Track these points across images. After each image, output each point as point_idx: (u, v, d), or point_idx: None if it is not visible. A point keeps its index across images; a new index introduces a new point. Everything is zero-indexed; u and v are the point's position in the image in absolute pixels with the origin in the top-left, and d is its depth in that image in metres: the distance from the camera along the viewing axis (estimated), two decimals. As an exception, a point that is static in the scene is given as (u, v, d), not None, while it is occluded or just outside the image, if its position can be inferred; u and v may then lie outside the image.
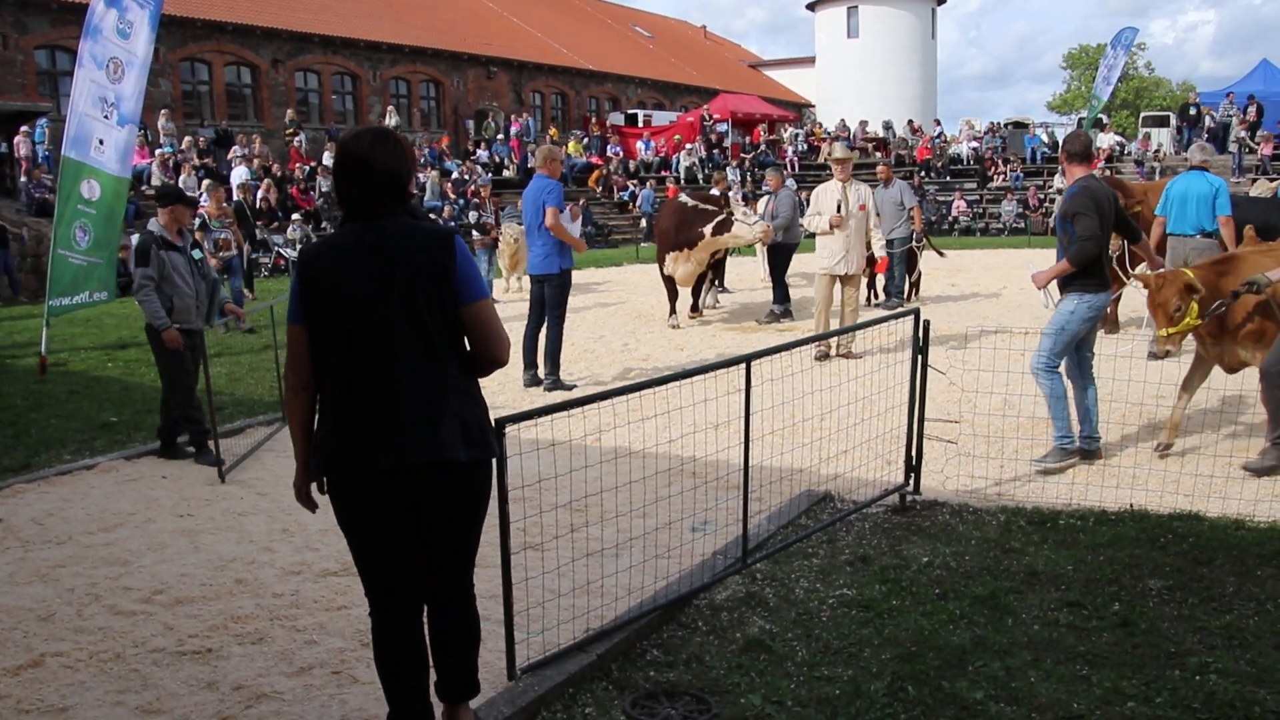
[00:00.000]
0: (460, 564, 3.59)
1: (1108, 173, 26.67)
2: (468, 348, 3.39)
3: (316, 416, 3.37)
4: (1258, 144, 32.27)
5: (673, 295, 14.00)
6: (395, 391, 3.22)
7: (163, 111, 26.90)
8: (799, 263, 15.65)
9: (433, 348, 3.26)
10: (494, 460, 3.53)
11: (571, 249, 9.73)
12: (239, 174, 24.85)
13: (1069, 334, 6.85)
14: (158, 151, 24.87)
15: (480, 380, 3.49)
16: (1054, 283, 7.00)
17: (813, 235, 11.18)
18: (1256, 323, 6.70)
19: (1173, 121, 37.75)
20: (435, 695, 3.67)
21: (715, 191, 16.25)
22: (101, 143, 11.21)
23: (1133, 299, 11.01)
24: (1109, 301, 7.24)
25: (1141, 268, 9.60)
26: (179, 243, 7.62)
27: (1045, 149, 36.44)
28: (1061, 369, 6.99)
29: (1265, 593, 4.76)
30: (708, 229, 12.92)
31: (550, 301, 9.60)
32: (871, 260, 11.94)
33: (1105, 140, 34.58)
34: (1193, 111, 35.49)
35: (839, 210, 10.57)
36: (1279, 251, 6.98)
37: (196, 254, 7.82)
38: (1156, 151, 34.66)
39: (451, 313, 3.28)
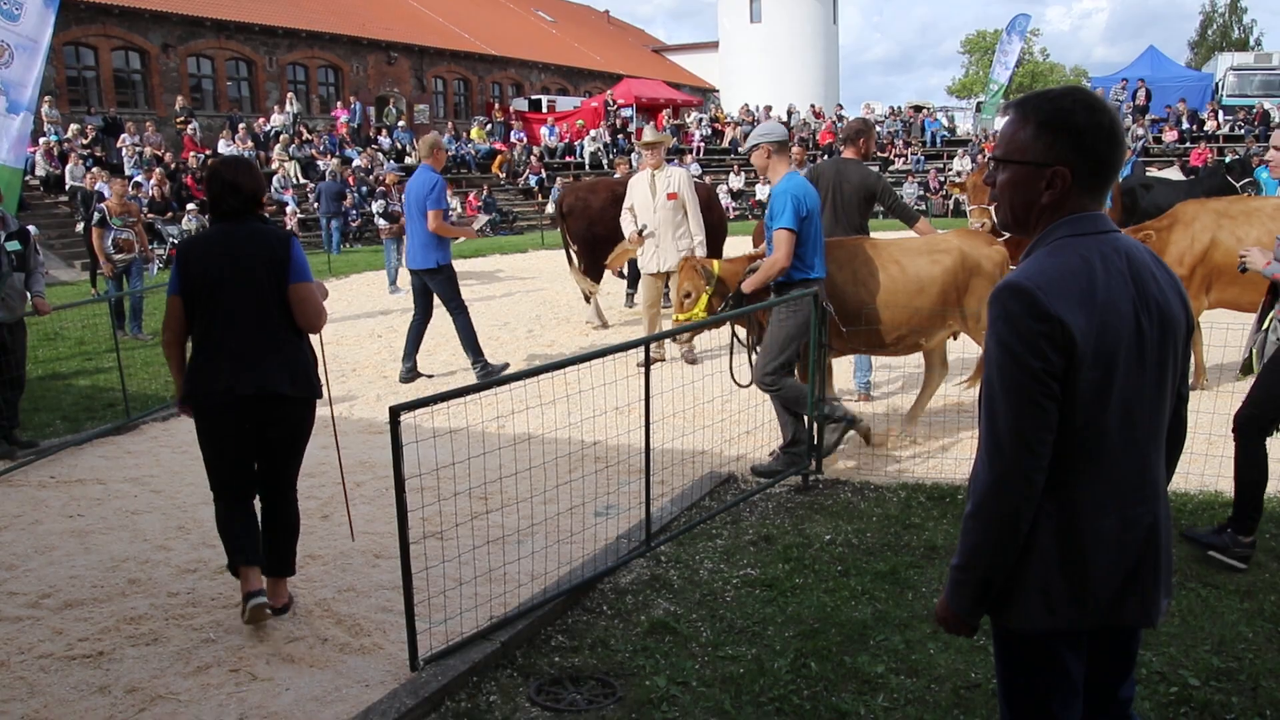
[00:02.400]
0: (284, 472, 4.68)
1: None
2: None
3: (188, 359, 4.58)
4: (1148, 127, 33.41)
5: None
6: (238, 342, 4.44)
7: (46, 98, 25.91)
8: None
9: (269, 314, 4.48)
10: (316, 399, 4.68)
11: (449, 242, 9.56)
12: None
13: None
14: (42, 140, 23.97)
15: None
16: None
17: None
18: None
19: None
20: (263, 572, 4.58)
21: (617, 176, 16.09)
22: (-14, 131, 10.72)
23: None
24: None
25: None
26: None
27: (945, 133, 37.18)
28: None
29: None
30: None
31: (443, 297, 9.40)
32: None
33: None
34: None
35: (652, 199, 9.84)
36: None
37: (12, 245, 7.59)
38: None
39: (283, 290, 4.51)
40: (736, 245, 11.23)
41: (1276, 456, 6.25)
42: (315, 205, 25.20)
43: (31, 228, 8.25)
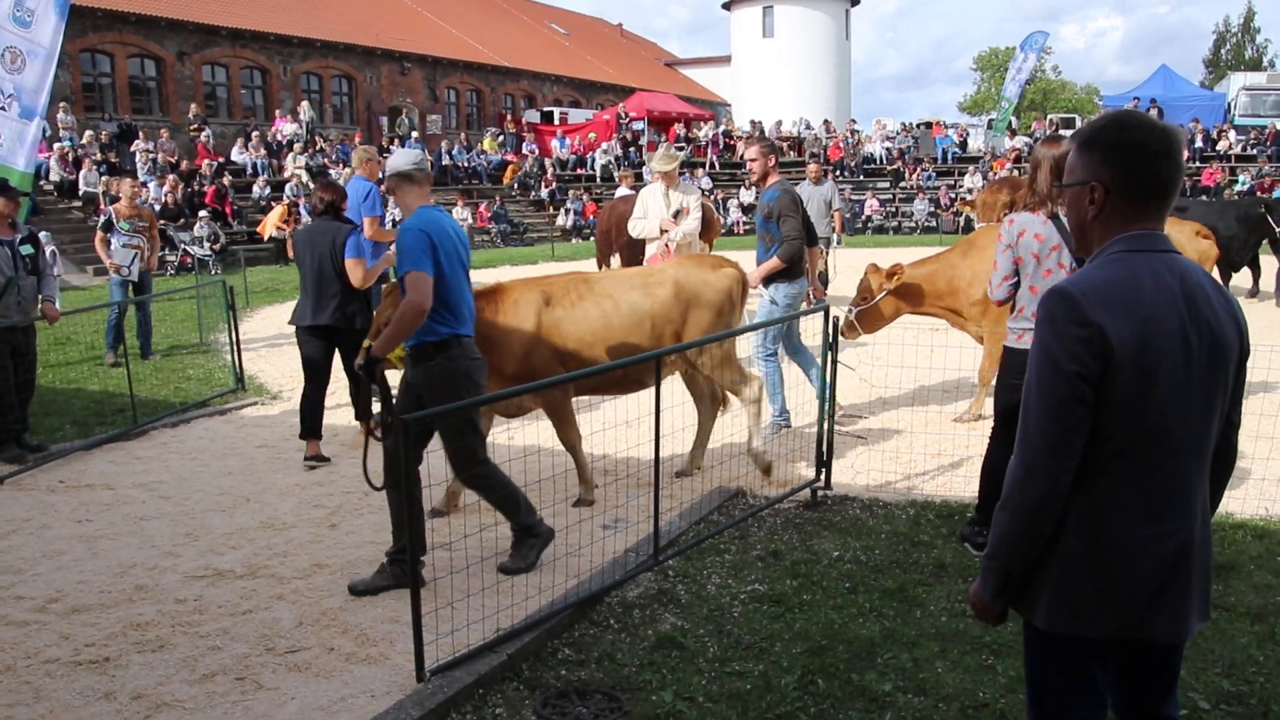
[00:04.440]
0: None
1: (1015, 173, 27.32)
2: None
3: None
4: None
5: None
6: (315, 291, 7.03)
7: (61, 104, 26.08)
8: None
9: (329, 274, 7.00)
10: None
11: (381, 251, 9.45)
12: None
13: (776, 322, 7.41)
14: (56, 145, 24.10)
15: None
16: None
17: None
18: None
19: (1078, 124, 38.77)
20: None
21: (622, 189, 16.05)
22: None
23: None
24: (806, 288, 7.75)
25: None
26: (6, 236, 7.59)
27: (956, 149, 37.17)
28: (780, 356, 7.69)
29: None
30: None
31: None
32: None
33: (1015, 142, 35.30)
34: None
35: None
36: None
37: (26, 249, 7.63)
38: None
39: (340, 261, 7.02)
40: (745, 259, 11.23)
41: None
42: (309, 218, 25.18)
43: (43, 233, 8.27)
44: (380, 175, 8.58)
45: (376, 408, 5.65)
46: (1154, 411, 2.24)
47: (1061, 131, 38.14)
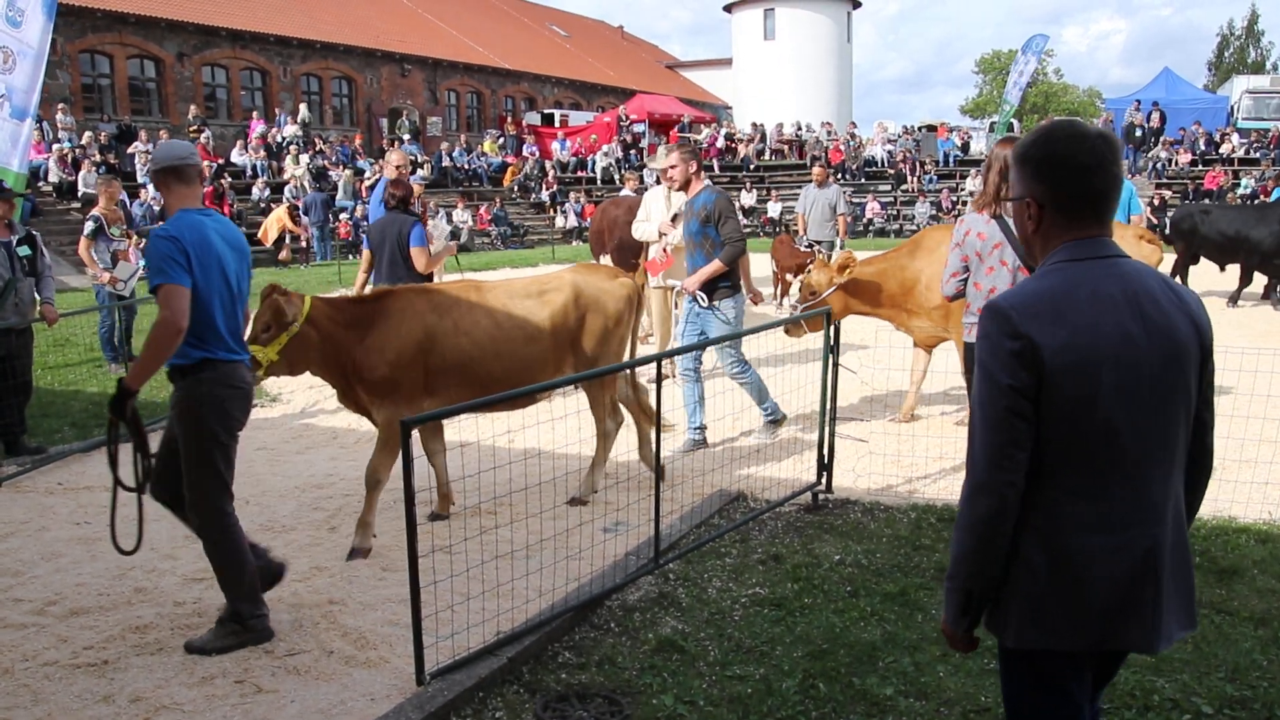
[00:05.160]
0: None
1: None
2: None
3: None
4: (1155, 147, 33.48)
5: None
6: (389, 273, 7.74)
7: (60, 105, 26.09)
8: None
9: (399, 259, 7.76)
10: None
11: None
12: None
13: (736, 331, 7.18)
14: (55, 146, 24.12)
15: None
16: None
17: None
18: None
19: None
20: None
21: (626, 191, 15.96)
22: (-9, 136, 10.76)
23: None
24: (746, 297, 7.69)
25: None
26: (3, 237, 7.61)
27: (958, 152, 37.17)
28: (694, 366, 7.52)
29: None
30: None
31: None
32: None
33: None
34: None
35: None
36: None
37: (24, 250, 7.62)
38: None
39: (406, 248, 7.72)
40: (755, 262, 11.22)
41: (1269, 480, 6.23)
42: (305, 216, 25.18)
43: (35, 233, 8.22)
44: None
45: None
46: (1101, 419, 2.24)
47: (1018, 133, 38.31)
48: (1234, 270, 14.99)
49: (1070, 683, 2.39)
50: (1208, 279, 15.73)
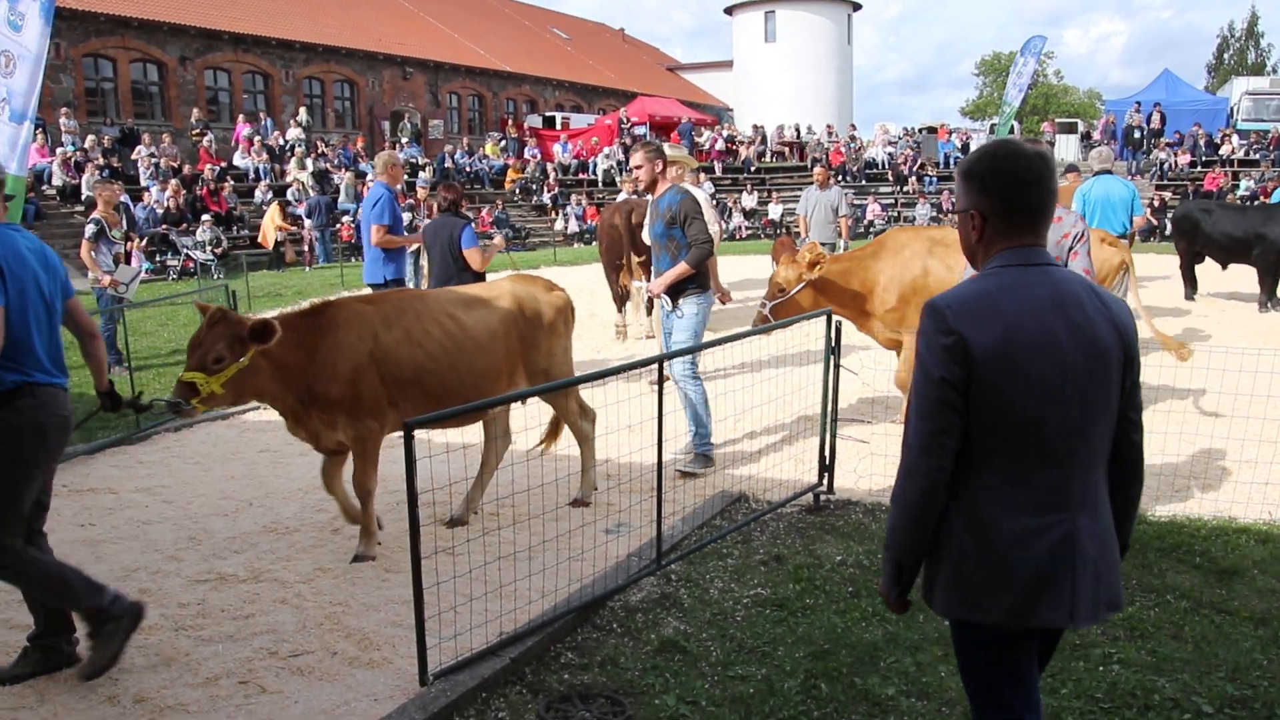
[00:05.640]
0: None
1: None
2: None
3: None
4: (1156, 148, 33.52)
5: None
6: (440, 274, 8.38)
7: (64, 109, 26.14)
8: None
9: (450, 260, 8.33)
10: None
11: (402, 258, 9.65)
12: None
13: (701, 336, 7.05)
14: (59, 150, 24.17)
15: None
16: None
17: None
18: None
19: (1080, 128, 38.88)
20: None
21: (624, 194, 15.81)
22: (-9, 140, 10.77)
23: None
24: (714, 297, 7.30)
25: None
26: None
27: (958, 154, 37.16)
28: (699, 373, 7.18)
29: (1164, 584, 4.90)
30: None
31: None
32: None
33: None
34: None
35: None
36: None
37: None
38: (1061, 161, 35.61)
39: (457, 249, 8.20)
40: (756, 264, 11.24)
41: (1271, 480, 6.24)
42: (308, 220, 25.19)
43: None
44: (401, 180, 8.83)
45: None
46: (1025, 411, 2.43)
47: (1057, 136, 38.37)
48: (1228, 272, 15.04)
49: (1016, 654, 2.57)
50: (1206, 282, 15.71)
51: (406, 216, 16.92)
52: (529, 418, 6.94)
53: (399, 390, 5.45)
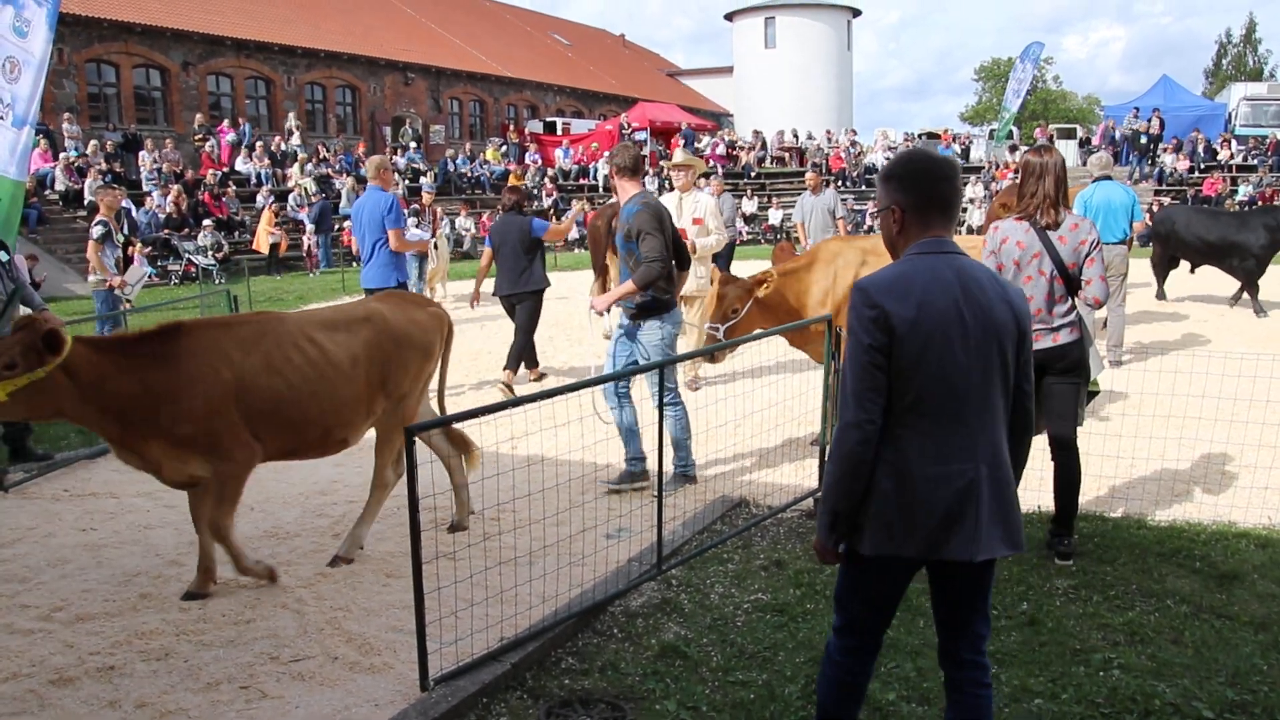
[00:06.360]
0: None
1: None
2: None
3: None
4: (1160, 153, 33.57)
5: None
6: (509, 265, 9.96)
7: (67, 115, 26.17)
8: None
9: (521, 252, 9.77)
10: (542, 289, 9.62)
11: (406, 261, 9.84)
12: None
13: (666, 356, 6.48)
14: (62, 155, 24.19)
15: None
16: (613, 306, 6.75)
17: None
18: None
19: (1078, 133, 38.88)
20: None
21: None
22: (-7, 145, 10.79)
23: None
24: (681, 320, 6.85)
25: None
26: None
27: (959, 159, 37.20)
28: (633, 394, 6.78)
29: (1164, 589, 4.91)
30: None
31: None
32: None
33: (1016, 156, 35.32)
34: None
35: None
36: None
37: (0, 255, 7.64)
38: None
39: (528, 239, 9.75)
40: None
41: (1270, 485, 6.24)
42: (313, 227, 25.20)
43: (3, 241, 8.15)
44: (395, 184, 8.85)
45: None
46: (935, 374, 2.86)
47: (1057, 142, 38.37)
48: (1207, 273, 15.29)
49: (900, 578, 3.07)
50: (1207, 285, 15.74)
51: (412, 221, 17.03)
52: (530, 422, 6.95)
53: (252, 423, 4.98)
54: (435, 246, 16.91)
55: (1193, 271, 15.63)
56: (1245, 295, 14.24)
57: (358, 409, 5.39)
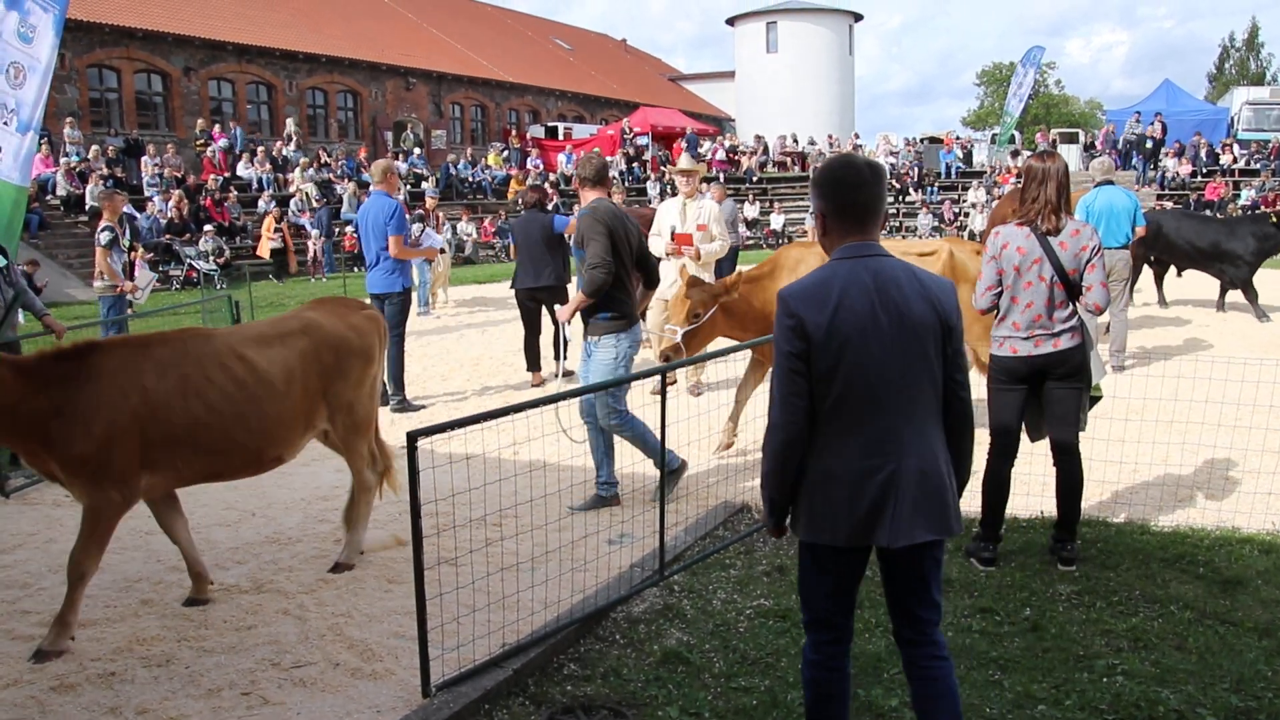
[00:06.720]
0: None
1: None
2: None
3: None
4: (1163, 158, 33.60)
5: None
6: (531, 260, 10.27)
7: (68, 120, 26.19)
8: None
9: (544, 246, 10.12)
10: (564, 285, 8.46)
11: (410, 267, 9.82)
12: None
13: (622, 375, 6.30)
14: (63, 160, 24.21)
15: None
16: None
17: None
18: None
19: (1080, 137, 38.88)
20: None
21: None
22: (-1, 150, 10.82)
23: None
24: (641, 336, 6.61)
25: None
26: None
27: (960, 164, 37.20)
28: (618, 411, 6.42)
29: (1168, 595, 4.89)
30: None
31: (391, 322, 9.14)
32: None
33: (1018, 161, 35.31)
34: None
35: (674, 233, 9.57)
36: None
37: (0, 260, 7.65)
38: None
39: (549, 233, 10.07)
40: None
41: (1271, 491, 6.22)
42: (316, 231, 25.18)
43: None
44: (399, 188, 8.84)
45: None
46: (854, 375, 3.00)
47: (1059, 146, 38.36)
48: (1197, 279, 15.38)
49: (841, 568, 3.18)
50: (1206, 288, 15.72)
51: (417, 228, 17.04)
52: (531, 428, 6.94)
53: (165, 450, 4.70)
54: (441, 251, 16.96)
55: (1179, 275, 15.73)
56: (1242, 300, 14.24)
57: (293, 426, 5.17)
